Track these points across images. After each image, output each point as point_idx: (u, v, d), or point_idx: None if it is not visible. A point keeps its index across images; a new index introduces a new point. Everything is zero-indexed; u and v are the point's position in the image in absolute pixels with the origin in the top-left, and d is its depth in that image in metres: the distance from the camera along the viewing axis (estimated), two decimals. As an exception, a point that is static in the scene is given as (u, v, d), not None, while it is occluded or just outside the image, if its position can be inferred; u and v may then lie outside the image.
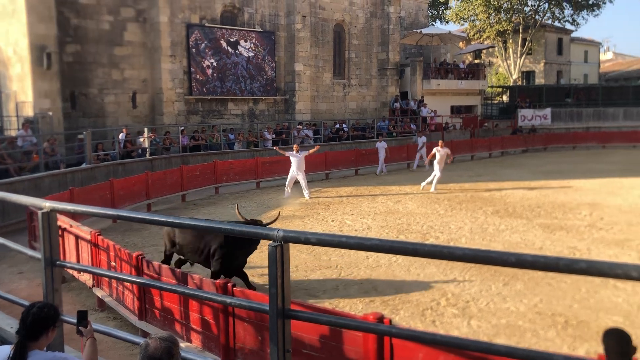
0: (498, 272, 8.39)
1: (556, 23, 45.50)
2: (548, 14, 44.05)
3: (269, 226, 7.39)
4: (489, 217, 12.90)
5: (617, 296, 7.42)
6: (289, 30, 25.96)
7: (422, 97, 31.52)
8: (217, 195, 17.51)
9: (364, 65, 29.91)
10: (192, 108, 23.23)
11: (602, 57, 65.17)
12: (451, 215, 13.24)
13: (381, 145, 21.75)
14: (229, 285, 4.91)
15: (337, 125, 26.72)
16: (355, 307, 7.31)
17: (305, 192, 16.17)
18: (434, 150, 17.30)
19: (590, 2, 43.53)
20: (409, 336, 2.33)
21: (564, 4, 43.37)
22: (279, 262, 2.17)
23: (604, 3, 44.00)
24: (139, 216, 3.05)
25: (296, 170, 16.07)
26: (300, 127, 24.89)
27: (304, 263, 9.27)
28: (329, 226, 12.34)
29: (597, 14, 49.77)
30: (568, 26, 45.70)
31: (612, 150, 29.71)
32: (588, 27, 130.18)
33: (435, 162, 17.07)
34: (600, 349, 5.94)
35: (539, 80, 47.50)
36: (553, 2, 43.15)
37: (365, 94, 30.13)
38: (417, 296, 7.62)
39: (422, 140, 23.53)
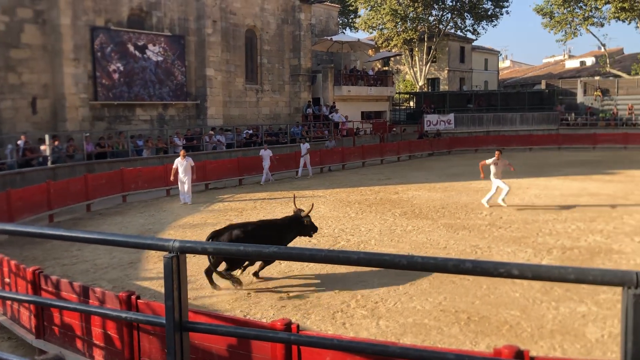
0: (405, 272, 8.66)
1: (458, 32, 47.83)
2: (451, 24, 46.21)
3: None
4: (397, 218, 13.31)
5: (514, 291, 7.87)
6: (199, 34, 25.55)
7: (334, 103, 32.04)
8: (124, 204, 16.89)
9: (277, 71, 30.00)
10: (98, 114, 22.28)
11: (501, 65, 69.20)
12: (362, 217, 13.54)
13: (266, 154, 21.08)
14: (133, 298, 4.75)
15: (250, 131, 26.59)
16: (266, 313, 7.29)
17: (188, 197, 16.12)
18: (489, 162, 14.55)
19: (489, 13, 46.12)
20: (307, 342, 2.37)
21: (466, 14, 45.68)
22: (175, 273, 2.13)
23: (502, 14, 46.74)
24: (25, 229, 2.89)
25: (182, 176, 16.00)
26: (212, 132, 24.54)
27: (216, 271, 9.13)
28: (242, 233, 12.23)
29: (496, 24, 52.82)
30: (469, 35, 48.16)
31: (510, 152, 31.48)
32: (488, 36, 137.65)
33: (492, 177, 14.46)
34: (499, 343, 6.27)
35: (443, 86, 49.66)
36: (455, 13, 45.32)
37: (279, 99, 30.22)
38: (328, 299, 7.72)
39: (305, 147, 22.63)
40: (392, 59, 49.05)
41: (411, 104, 44.58)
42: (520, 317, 7.01)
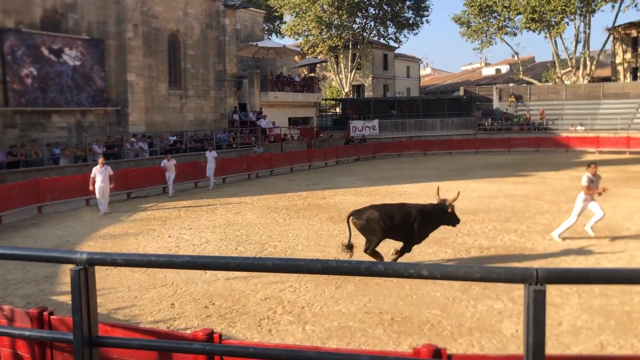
0: (331, 276, 8.75)
1: (382, 40, 49.02)
2: (374, 32, 47.30)
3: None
4: (324, 223, 13.43)
5: (436, 291, 8.12)
6: (119, 38, 24.77)
7: (261, 108, 31.94)
8: (40, 215, 16.08)
9: (201, 77, 29.56)
10: (9, 121, 21.11)
11: (422, 72, 71.48)
12: (289, 223, 13.56)
13: (211, 155, 20.88)
14: (45, 314, 4.51)
15: (175, 138, 26.02)
16: (191, 323, 7.15)
17: (104, 207, 15.69)
18: (586, 182, 11.12)
19: (410, 22, 47.58)
20: (224, 352, 2.35)
21: (388, 23, 46.90)
22: (82, 286, 2.05)
23: (422, 23, 48.36)
24: None
25: (101, 185, 15.53)
26: (133, 139, 23.82)
27: (137, 283, 8.86)
28: (165, 242, 11.94)
29: (417, 33, 54.50)
30: (392, 43, 49.47)
31: (431, 157, 32.65)
32: (410, 45, 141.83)
33: (587, 197, 11.23)
34: (421, 342, 6.44)
35: (368, 93, 50.70)
36: (378, 21, 46.45)
37: (204, 105, 29.77)
38: (254, 307, 7.67)
39: (212, 155, 21.13)
40: (318, 65, 49.58)
41: (337, 110, 45.21)
42: (441, 316, 7.24)
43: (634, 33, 41.18)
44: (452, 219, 9.66)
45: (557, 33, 40.77)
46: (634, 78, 40.66)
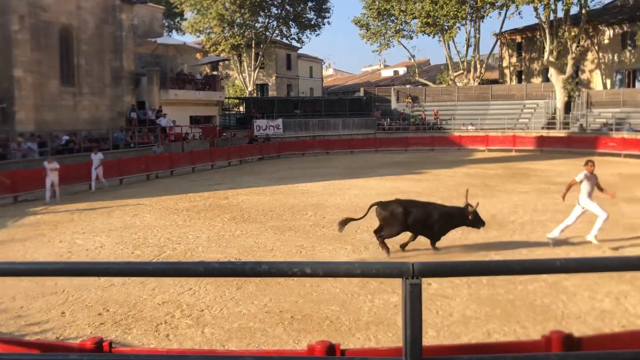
0: (232, 277, 8.68)
1: (284, 40, 49.22)
2: (277, 32, 47.40)
3: None
4: (226, 224, 13.29)
5: (335, 287, 8.29)
6: (4, 31, 23.08)
7: (161, 107, 31.00)
8: None
9: (97, 73, 28.17)
10: None
11: (325, 72, 72.60)
12: (190, 225, 13.29)
13: (96, 158, 19.85)
14: None
15: (67, 137, 24.63)
16: (83, 332, 6.82)
17: None
18: (580, 178, 10.67)
19: (312, 23, 48.15)
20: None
21: (291, 23, 47.17)
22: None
23: (324, 24, 49.09)
24: None
25: None
26: (21, 139, 22.29)
27: (24, 291, 8.31)
28: (56, 248, 11.29)
29: (319, 34, 55.29)
30: (295, 44, 49.82)
31: (334, 155, 33.27)
32: (313, 45, 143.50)
33: (585, 198, 10.58)
34: (320, 339, 6.54)
35: (272, 92, 50.74)
36: (281, 21, 46.58)
37: (99, 103, 28.39)
38: (151, 312, 7.45)
39: (98, 157, 20.05)
40: (221, 64, 48.90)
41: (241, 109, 44.85)
42: (339, 311, 7.41)
43: (518, 39, 44.19)
44: (476, 222, 10.33)
45: (450, 37, 42.91)
46: (519, 81, 43.66)
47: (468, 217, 10.19)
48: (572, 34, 34.73)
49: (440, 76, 46.72)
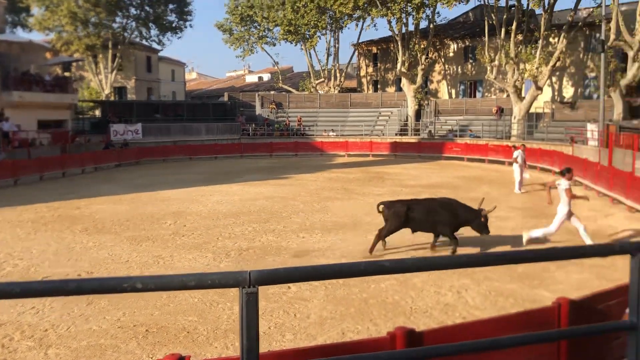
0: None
1: (144, 42, 47.34)
2: (136, 33, 45.46)
3: None
4: (77, 235, 12.46)
5: (194, 297, 8.12)
6: None
7: (3, 110, 28.27)
8: None
9: None
10: None
11: (188, 76, 70.96)
12: (34, 238, 12.26)
13: None
14: None
15: None
16: None
17: None
18: (564, 185, 10.64)
19: (174, 25, 46.87)
20: None
21: (150, 24, 45.51)
22: None
23: (185, 27, 48.00)
24: None
25: None
26: None
27: None
28: None
29: (180, 36, 53.93)
30: (155, 46, 48.13)
31: (197, 161, 32.61)
32: (176, 48, 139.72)
33: (564, 203, 10.62)
34: (176, 351, 6.37)
35: (131, 96, 48.52)
36: (140, 22, 44.75)
37: None
38: (-14, 336, 6.76)
39: None
40: (74, 64, 45.80)
41: (97, 112, 42.32)
42: (197, 321, 7.27)
43: (374, 49, 46.50)
44: (482, 228, 10.61)
45: (311, 46, 44.05)
46: (375, 89, 45.93)
47: (475, 220, 10.57)
48: (422, 46, 37.29)
49: (303, 83, 47.72)
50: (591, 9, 30.65)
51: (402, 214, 10.48)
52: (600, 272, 9.01)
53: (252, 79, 68.00)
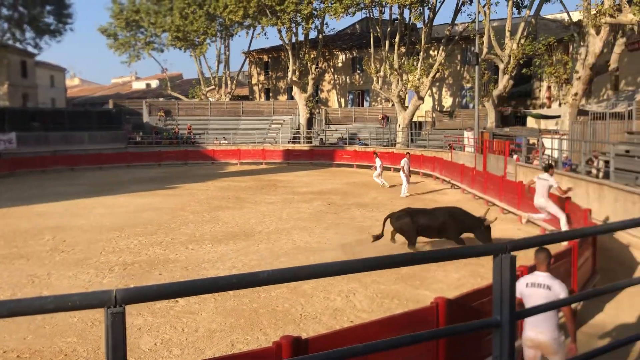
0: (-58, 320, 7.41)
1: (18, 45, 44.15)
2: (9, 35, 42.28)
3: None
4: (-62, 257, 11.30)
5: (72, 317, 7.65)
6: None
7: None
8: None
9: None
10: None
11: (70, 82, 67.10)
12: None
13: None
14: None
15: None
16: None
17: None
18: (551, 183, 11.40)
19: (52, 28, 44.17)
20: None
21: (25, 26, 42.55)
22: None
23: (65, 30, 45.44)
24: None
25: None
26: None
27: None
28: None
29: (60, 40, 50.90)
30: (31, 49, 45.05)
31: (80, 172, 30.84)
32: (56, 53, 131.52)
33: (543, 196, 11.49)
34: None
35: (4, 102, 44.94)
36: (13, 23, 41.71)
37: None
38: None
39: None
40: None
41: (-38, 120, 38.73)
42: (77, 342, 6.87)
43: (265, 58, 46.62)
44: (483, 237, 10.98)
45: (201, 53, 43.32)
46: (267, 98, 46.03)
47: (477, 228, 11.09)
48: (312, 56, 37.98)
49: (193, 91, 46.75)
50: (466, 24, 32.81)
51: (409, 223, 11.23)
52: (475, 271, 9.62)
53: (139, 85, 65.60)
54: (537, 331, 4.78)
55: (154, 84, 62.84)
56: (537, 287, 4.82)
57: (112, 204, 18.29)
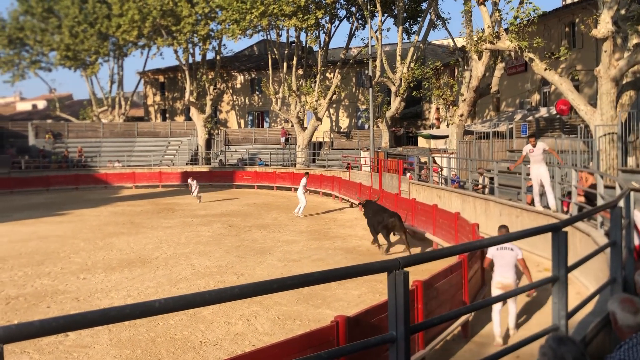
0: None
1: None
2: None
3: None
4: None
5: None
6: None
7: None
8: None
9: None
10: None
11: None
12: None
13: None
14: None
15: None
16: None
17: None
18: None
19: None
20: None
21: None
22: None
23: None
24: None
25: None
26: None
27: None
28: None
29: None
30: None
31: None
32: None
33: (541, 163, 10.86)
34: None
35: None
36: None
37: None
38: None
39: None
40: None
41: None
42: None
43: (161, 78, 45.51)
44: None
45: (92, 72, 41.51)
46: (164, 119, 44.84)
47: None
48: (210, 77, 37.59)
49: (84, 112, 44.54)
50: (360, 48, 34.03)
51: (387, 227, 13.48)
52: (374, 287, 9.90)
53: (24, 106, 61.55)
54: (504, 277, 7.17)
55: (41, 104, 59.26)
56: (504, 250, 7.32)
57: (-7, 234, 16.92)
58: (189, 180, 26.01)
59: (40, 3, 39.49)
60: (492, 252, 7.50)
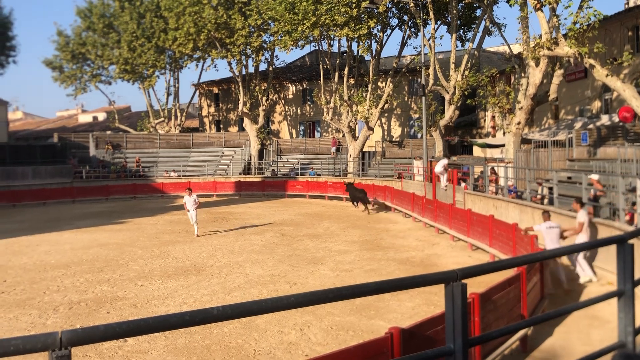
0: None
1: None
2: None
3: None
4: None
5: (13, 361, 7.25)
6: None
7: None
8: None
9: None
10: None
11: (12, 116, 64.98)
12: None
13: None
14: None
15: None
16: None
17: None
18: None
19: (-7, 60, 42.87)
20: None
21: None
22: None
23: (9, 63, 44.18)
24: None
25: None
26: None
27: None
28: None
29: (2, 73, 49.33)
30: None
31: (23, 208, 29.66)
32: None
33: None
34: None
35: (-60, 136, 43.07)
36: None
37: None
38: None
39: None
40: None
41: None
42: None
43: (215, 90, 46.56)
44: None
45: (150, 85, 42.84)
46: (218, 129, 45.81)
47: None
48: (262, 88, 38.16)
49: (142, 123, 46.01)
50: (413, 57, 33.74)
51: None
52: (429, 299, 9.71)
53: (86, 118, 64.15)
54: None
55: (101, 116, 61.58)
56: (553, 228, 10.09)
57: (57, 241, 17.62)
58: (186, 196, 18.54)
59: (101, 19, 41.18)
60: (542, 229, 10.18)
